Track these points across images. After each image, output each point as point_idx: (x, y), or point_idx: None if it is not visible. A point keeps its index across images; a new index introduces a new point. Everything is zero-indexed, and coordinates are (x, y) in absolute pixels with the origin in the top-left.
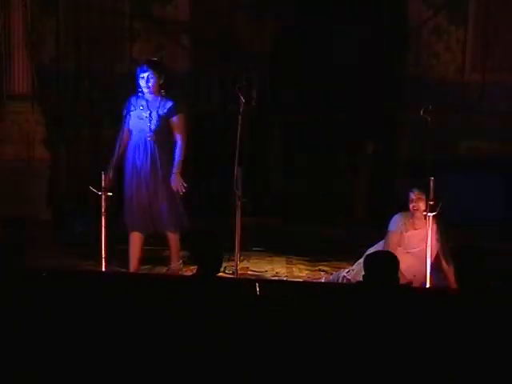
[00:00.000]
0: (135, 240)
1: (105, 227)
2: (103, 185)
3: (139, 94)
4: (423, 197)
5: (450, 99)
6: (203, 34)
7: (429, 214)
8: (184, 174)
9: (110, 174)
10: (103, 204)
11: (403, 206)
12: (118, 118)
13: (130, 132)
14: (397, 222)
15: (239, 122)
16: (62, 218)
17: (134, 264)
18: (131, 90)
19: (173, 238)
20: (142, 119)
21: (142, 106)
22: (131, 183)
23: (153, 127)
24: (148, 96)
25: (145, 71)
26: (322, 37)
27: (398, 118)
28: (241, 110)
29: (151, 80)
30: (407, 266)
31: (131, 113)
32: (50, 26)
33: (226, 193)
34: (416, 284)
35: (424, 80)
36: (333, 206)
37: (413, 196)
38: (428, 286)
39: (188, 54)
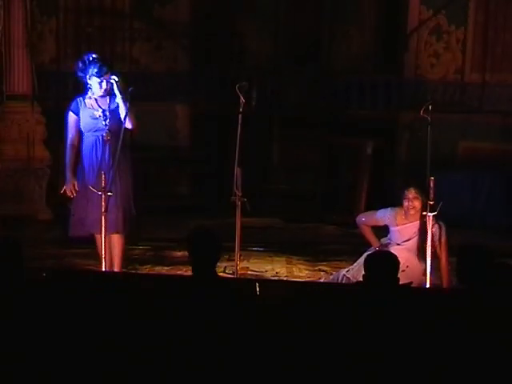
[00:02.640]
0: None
1: (105, 227)
2: (103, 185)
3: (86, 93)
4: (419, 196)
5: (450, 99)
6: (203, 34)
7: (429, 213)
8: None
9: (74, 182)
10: (103, 204)
11: (397, 202)
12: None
13: (82, 133)
14: (386, 213)
15: (239, 121)
16: (62, 217)
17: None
18: (131, 90)
19: (119, 241)
20: (95, 118)
21: (92, 105)
22: (87, 184)
23: (109, 125)
24: (96, 95)
25: (106, 73)
26: (323, 37)
27: (398, 118)
28: (241, 109)
29: (108, 83)
30: (399, 257)
31: (80, 114)
32: (50, 25)
33: (226, 193)
34: (409, 274)
35: (424, 80)
36: (333, 206)
37: (409, 195)
38: (428, 285)
39: (188, 54)
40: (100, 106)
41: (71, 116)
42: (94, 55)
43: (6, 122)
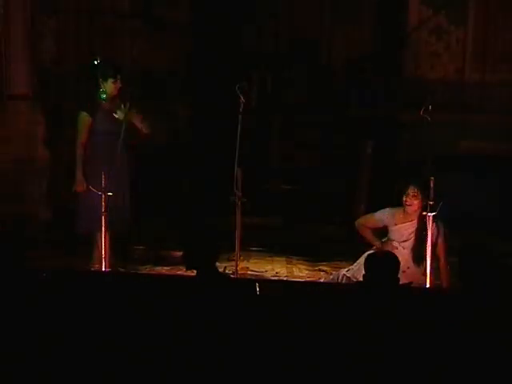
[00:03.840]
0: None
1: (105, 227)
2: (103, 185)
3: (100, 95)
4: (418, 195)
5: (450, 99)
6: (203, 34)
7: (429, 213)
8: None
9: (85, 182)
10: (103, 204)
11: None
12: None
13: (99, 135)
14: (385, 213)
15: (239, 121)
16: (62, 217)
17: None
18: (132, 90)
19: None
20: (113, 121)
21: (109, 107)
22: (104, 185)
23: (124, 128)
24: (108, 98)
25: (120, 73)
26: (323, 37)
27: (397, 118)
28: (241, 109)
29: (120, 84)
30: (401, 258)
31: (97, 116)
32: (50, 25)
33: (226, 193)
34: (409, 275)
35: (424, 80)
36: (333, 206)
37: (410, 192)
38: (428, 285)
39: (188, 54)
40: (117, 108)
41: (86, 117)
42: (102, 57)
43: (6, 122)
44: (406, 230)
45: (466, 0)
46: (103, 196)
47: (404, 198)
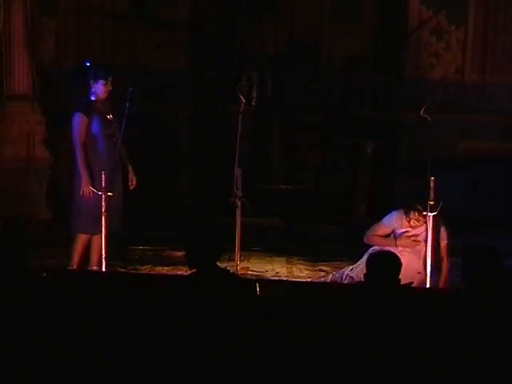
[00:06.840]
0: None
1: (105, 227)
2: (103, 185)
3: (91, 97)
4: (421, 220)
5: (450, 99)
6: (203, 34)
7: (429, 214)
8: None
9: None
10: (103, 204)
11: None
12: (117, 118)
13: (97, 136)
14: (392, 218)
15: (239, 121)
16: (62, 217)
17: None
18: (131, 90)
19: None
20: (108, 122)
21: (100, 108)
22: (101, 186)
23: (116, 129)
24: (100, 99)
25: (111, 75)
26: (323, 37)
27: (398, 118)
28: (241, 109)
29: (110, 86)
30: (406, 263)
31: (94, 117)
32: (50, 25)
33: (226, 193)
34: (420, 280)
35: (424, 80)
36: (333, 206)
37: (411, 216)
38: (428, 286)
39: (188, 54)
40: (107, 111)
41: (82, 117)
42: (92, 59)
43: (6, 122)
44: (413, 232)
45: (466, 0)
46: (103, 196)
47: (407, 218)
